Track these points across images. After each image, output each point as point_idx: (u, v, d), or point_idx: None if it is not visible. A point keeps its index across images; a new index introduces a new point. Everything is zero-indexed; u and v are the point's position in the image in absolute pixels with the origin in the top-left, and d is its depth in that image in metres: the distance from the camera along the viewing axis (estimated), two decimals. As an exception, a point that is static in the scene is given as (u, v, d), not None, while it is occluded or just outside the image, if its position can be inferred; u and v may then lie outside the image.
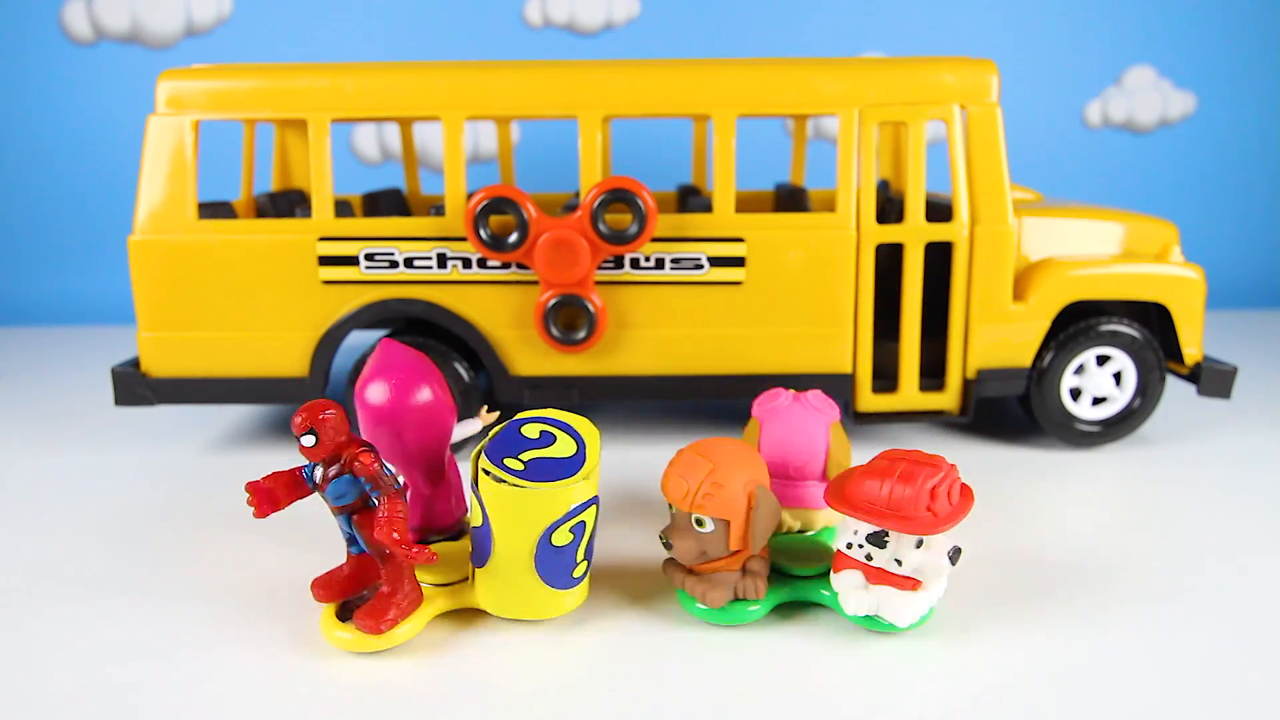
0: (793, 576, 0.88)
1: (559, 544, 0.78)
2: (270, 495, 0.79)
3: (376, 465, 0.76)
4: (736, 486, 0.79)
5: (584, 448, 0.80)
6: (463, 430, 0.95)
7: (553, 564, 0.79)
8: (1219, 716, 0.71)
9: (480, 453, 0.80)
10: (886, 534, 0.77)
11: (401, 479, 0.78)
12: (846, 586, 0.80)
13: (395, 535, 0.74)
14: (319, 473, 0.78)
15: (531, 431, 0.81)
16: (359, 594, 0.84)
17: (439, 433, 0.91)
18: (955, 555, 0.79)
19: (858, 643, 0.81)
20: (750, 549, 0.81)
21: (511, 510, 0.77)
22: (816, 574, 0.87)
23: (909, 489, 0.76)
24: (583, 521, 0.79)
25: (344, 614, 0.82)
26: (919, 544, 0.78)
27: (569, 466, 0.78)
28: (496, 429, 0.82)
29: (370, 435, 0.89)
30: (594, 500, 0.80)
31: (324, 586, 0.82)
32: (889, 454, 0.81)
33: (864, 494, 0.78)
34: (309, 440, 0.76)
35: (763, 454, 0.96)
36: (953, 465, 0.79)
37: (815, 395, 0.99)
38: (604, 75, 1.26)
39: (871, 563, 0.79)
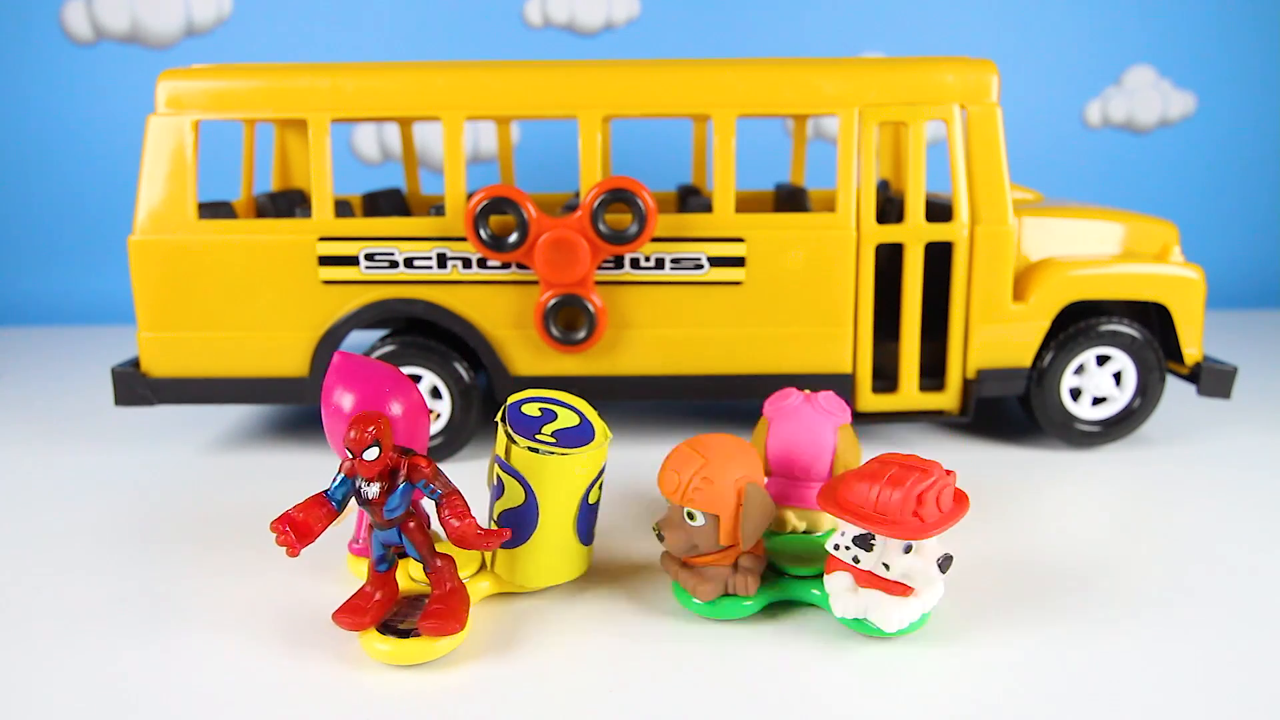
0: (790, 576, 0.88)
1: (593, 501, 0.88)
2: (305, 527, 0.75)
3: (432, 465, 0.77)
4: (726, 482, 0.80)
5: (584, 415, 0.89)
6: None
7: (587, 521, 0.88)
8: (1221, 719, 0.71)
9: (510, 435, 0.84)
10: (873, 537, 0.77)
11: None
12: (836, 588, 0.80)
13: (478, 528, 0.76)
14: (375, 487, 0.75)
15: (532, 410, 0.88)
16: (390, 613, 0.81)
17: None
18: (945, 563, 0.78)
19: (847, 646, 0.81)
20: (742, 545, 0.81)
21: (557, 478, 0.84)
22: (813, 574, 0.87)
23: (896, 493, 0.76)
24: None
25: (384, 629, 0.78)
26: (907, 549, 0.78)
27: (586, 432, 0.87)
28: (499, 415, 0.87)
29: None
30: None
31: (353, 613, 0.78)
32: (883, 457, 0.81)
33: (852, 496, 0.78)
34: (374, 454, 0.73)
35: (769, 453, 0.97)
36: (949, 471, 0.79)
37: (826, 397, 0.99)
38: (604, 75, 1.26)
39: (859, 565, 0.79)
